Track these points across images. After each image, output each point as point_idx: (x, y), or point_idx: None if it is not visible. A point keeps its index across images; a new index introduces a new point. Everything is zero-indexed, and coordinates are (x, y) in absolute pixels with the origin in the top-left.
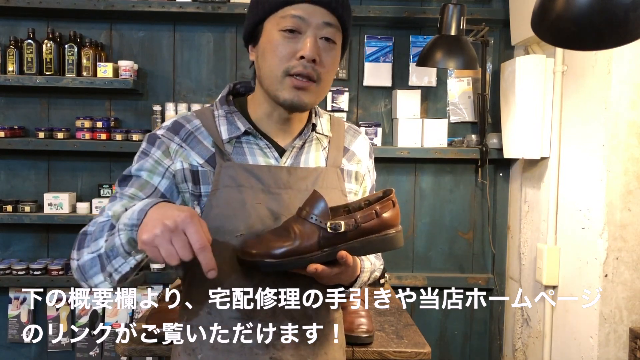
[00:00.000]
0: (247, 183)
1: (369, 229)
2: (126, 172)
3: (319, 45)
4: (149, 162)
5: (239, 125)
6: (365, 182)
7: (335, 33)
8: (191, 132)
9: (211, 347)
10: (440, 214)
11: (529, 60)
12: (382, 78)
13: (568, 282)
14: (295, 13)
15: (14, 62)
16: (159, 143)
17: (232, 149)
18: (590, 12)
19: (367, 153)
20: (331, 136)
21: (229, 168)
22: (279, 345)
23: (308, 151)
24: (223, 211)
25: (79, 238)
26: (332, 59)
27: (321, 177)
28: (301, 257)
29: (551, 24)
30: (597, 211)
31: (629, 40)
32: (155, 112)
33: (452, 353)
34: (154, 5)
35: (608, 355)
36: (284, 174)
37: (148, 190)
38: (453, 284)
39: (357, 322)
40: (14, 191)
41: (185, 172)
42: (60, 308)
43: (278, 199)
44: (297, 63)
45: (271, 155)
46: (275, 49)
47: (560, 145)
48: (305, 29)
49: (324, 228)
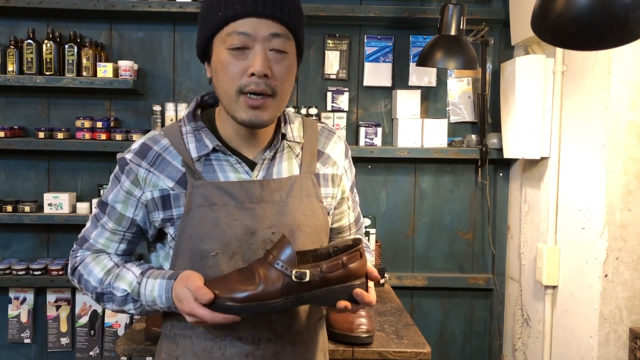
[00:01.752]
0: (219, 201)
1: (334, 279)
2: (104, 199)
3: (269, 58)
4: (121, 193)
5: (206, 142)
6: (342, 183)
7: (285, 42)
8: (159, 154)
9: (194, 355)
10: (440, 214)
11: (529, 60)
12: (382, 78)
13: (568, 282)
14: (240, 30)
15: (14, 62)
16: (128, 171)
17: (202, 167)
18: (590, 12)
19: (342, 153)
20: (304, 142)
21: (201, 187)
22: (258, 354)
23: (280, 161)
24: (197, 231)
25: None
26: (286, 69)
27: (296, 186)
28: (263, 304)
29: (551, 24)
30: (597, 211)
31: (629, 40)
32: (155, 112)
33: (452, 353)
34: (154, 5)
35: (608, 355)
36: (257, 188)
37: (126, 223)
38: (453, 284)
39: (357, 322)
40: (14, 191)
41: (156, 200)
42: (60, 308)
43: (252, 213)
44: (249, 81)
45: (242, 170)
46: (226, 68)
47: (560, 145)
48: (252, 44)
49: (289, 276)
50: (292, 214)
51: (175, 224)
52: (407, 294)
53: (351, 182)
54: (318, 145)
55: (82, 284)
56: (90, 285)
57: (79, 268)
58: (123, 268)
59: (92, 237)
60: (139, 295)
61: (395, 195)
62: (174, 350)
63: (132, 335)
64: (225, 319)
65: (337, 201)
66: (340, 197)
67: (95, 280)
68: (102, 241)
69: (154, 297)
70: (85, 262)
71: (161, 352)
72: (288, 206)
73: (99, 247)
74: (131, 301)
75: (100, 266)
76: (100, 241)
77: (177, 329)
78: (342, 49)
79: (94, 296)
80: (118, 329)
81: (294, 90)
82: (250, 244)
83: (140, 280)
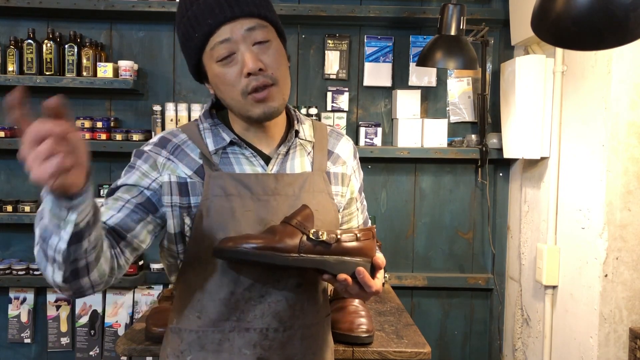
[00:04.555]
0: (235, 192)
1: (347, 250)
2: (113, 186)
3: (255, 52)
4: (136, 174)
5: (224, 136)
6: (352, 183)
7: (263, 31)
8: (178, 145)
9: (201, 348)
10: (440, 214)
11: (529, 60)
12: (382, 78)
13: (568, 282)
14: (219, 39)
15: (14, 62)
16: (146, 157)
17: (219, 160)
18: (590, 12)
19: (351, 154)
20: (314, 141)
21: (218, 178)
22: (266, 345)
23: (293, 157)
24: (213, 220)
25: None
26: (274, 55)
27: (308, 182)
28: (276, 254)
29: (551, 24)
30: (597, 211)
31: (629, 40)
32: (155, 112)
33: (452, 353)
34: (154, 5)
35: (608, 355)
36: (271, 181)
37: (134, 192)
38: (453, 284)
39: (357, 322)
40: (14, 191)
41: (172, 184)
42: (60, 308)
43: (267, 205)
44: (248, 80)
45: (257, 164)
46: (223, 79)
47: (560, 145)
48: (236, 47)
49: (306, 234)
50: None
51: (192, 212)
52: (407, 294)
53: (360, 184)
54: (328, 146)
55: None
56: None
57: None
58: None
59: None
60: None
61: (395, 195)
62: (179, 344)
63: (132, 335)
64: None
65: (347, 201)
66: (350, 197)
67: None
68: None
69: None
70: None
71: (166, 347)
72: (301, 200)
73: None
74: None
75: None
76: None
77: (182, 323)
78: (342, 49)
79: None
80: (118, 329)
81: (294, 90)
82: None
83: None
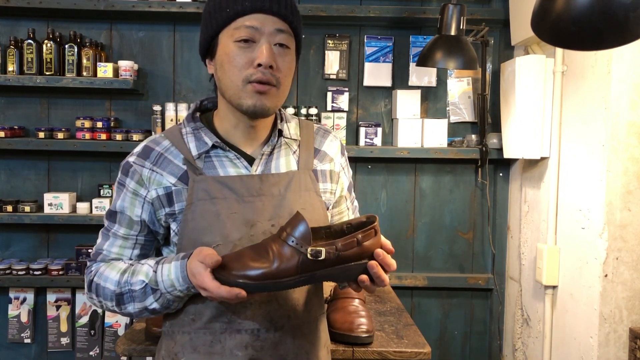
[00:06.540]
0: (220, 195)
1: (349, 257)
2: (112, 208)
3: (274, 51)
4: (127, 196)
5: (206, 140)
6: (341, 180)
7: (288, 38)
8: (161, 153)
9: (193, 350)
10: (440, 214)
11: (529, 60)
12: (382, 78)
13: (568, 282)
14: (248, 24)
15: (14, 62)
16: (132, 172)
17: (202, 164)
18: (590, 12)
19: (338, 151)
20: (300, 139)
21: (202, 182)
22: (258, 346)
23: (278, 157)
24: (199, 224)
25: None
26: (288, 63)
27: (294, 181)
28: (278, 282)
29: (551, 24)
30: (597, 211)
31: (629, 40)
32: (155, 112)
33: (452, 353)
34: (154, 5)
35: (608, 355)
36: (256, 182)
37: (137, 227)
38: (453, 284)
39: (357, 322)
40: (14, 191)
41: (161, 198)
42: (60, 308)
43: (252, 206)
44: (255, 71)
45: (241, 165)
46: (233, 59)
47: (560, 145)
48: (259, 37)
49: (304, 254)
50: (290, 207)
51: (178, 218)
52: (407, 294)
53: (349, 182)
54: (315, 144)
55: (100, 295)
56: (109, 291)
57: (94, 280)
58: (138, 264)
59: (105, 248)
60: (157, 283)
61: (395, 195)
62: (173, 346)
63: (132, 335)
64: (230, 293)
65: (337, 198)
66: (339, 195)
67: (112, 284)
68: (115, 250)
69: (171, 280)
70: (100, 271)
71: (161, 349)
72: (287, 200)
73: (113, 257)
74: (151, 292)
75: (115, 270)
76: (114, 250)
77: (176, 326)
78: (342, 49)
79: (114, 302)
80: (118, 328)
81: (294, 90)
82: (251, 235)
83: (155, 268)
